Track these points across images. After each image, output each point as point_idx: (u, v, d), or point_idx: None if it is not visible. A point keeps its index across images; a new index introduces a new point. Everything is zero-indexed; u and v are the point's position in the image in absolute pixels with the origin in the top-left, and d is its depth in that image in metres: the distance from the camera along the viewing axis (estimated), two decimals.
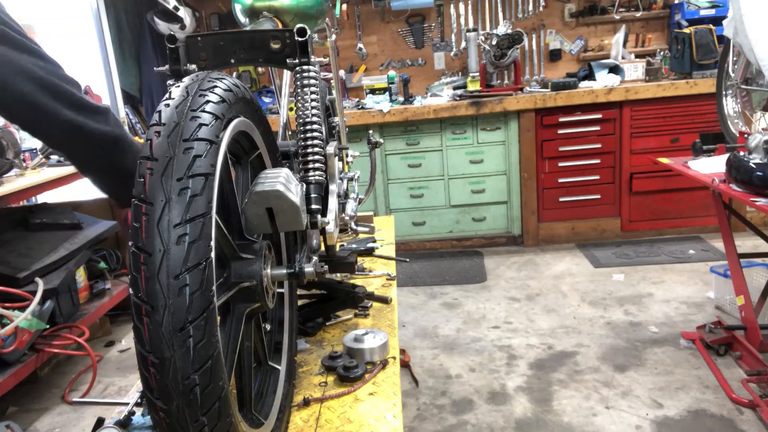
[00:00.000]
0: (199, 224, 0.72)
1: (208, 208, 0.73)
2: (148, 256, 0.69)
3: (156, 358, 0.69)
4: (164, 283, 0.69)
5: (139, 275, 0.70)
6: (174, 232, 0.70)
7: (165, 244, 0.69)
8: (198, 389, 0.70)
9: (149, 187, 0.72)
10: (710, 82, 3.76)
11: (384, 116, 4.02)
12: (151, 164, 0.73)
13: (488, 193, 4.20)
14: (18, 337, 2.28)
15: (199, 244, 0.71)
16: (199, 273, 0.70)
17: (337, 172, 1.46)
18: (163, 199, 0.71)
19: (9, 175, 2.80)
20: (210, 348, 0.71)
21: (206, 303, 0.71)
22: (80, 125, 1.21)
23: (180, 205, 0.71)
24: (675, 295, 3.25)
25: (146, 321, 0.69)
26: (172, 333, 0.69)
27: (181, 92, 0.81)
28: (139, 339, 0.70)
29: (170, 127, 0.76)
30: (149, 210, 0.71)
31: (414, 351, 2.88)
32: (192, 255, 0.70)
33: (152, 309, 0.69)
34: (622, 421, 2.20)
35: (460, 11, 4.58)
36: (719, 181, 2.20)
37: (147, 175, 0.72)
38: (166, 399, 0.70)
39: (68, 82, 1.25)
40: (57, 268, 2.68)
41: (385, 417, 1.07)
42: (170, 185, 0.71)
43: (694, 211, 4.06)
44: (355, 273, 1.75)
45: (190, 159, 0.74)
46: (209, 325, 0.71)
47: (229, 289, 0.88)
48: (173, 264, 0.69)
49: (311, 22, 1.57)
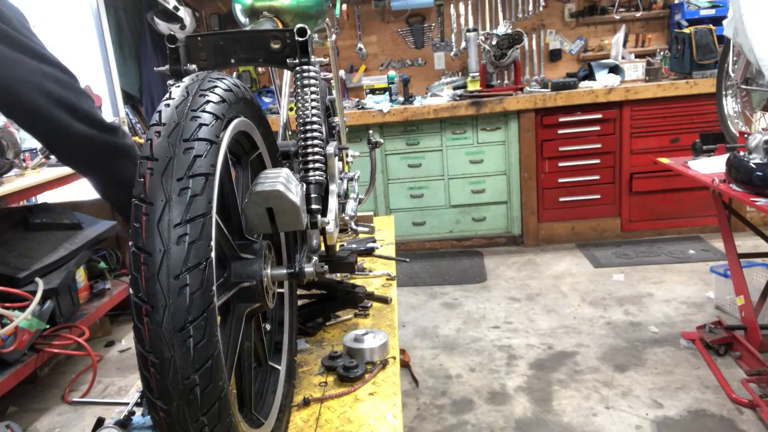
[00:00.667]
0: (200, 224, 0.72)
1: (208, 208, 0.73)
2: (149, 256, 0.69)
3: (156, 358, 0.69)
4: (164, 282, 0.69)
5: (140, 275, 0.70)
6: (174, 232, 0.70)
7: (165, 244, 0.69)
8: (198, 389, 0.70)
9: (149, 186, 0.72)
10: (710, 82, 3.76)
11: (384, 116, 4.02)
12: (151, 164, 0.73)
13: (488, 193, 4.20)
14: (18, 337, 2.28)
15: (200, 244, 0.71)
16: (199, 273, 0.70)
17: (337, 172, 1.47)
18: (164, 199, 0.71)
19: (9, 175, 2.80)
20: (210, 348, 0.71)
21: (206, 303, 0.71)
22: (91, 137, 1.24)
23: (180, 205, 0.71)
24: (675, 295, 3.25)
25: (146, 321, 0.69)
26: (172, 333, 0.69)
27: (181, 92, 0.81)
28: (139, 339, 0.70)
29: (170, 127, 0.76)
30: (149, 210, 0.71)
31: (414, 351, 2.88)
32: (192, 255, 0.70)
33: (152, 309, 0.69)
34: (622, 421, 2.20)
35: (460, 11, 4.58)
36: (719, 181, 2.20)
37: (147, 175, 0.72)
38: (166, 399, 0.70)
39: (83, 95, 1.29)
40: (57, 268, 2.68)
41: (385, 417, 1.07)
42: (170, 185, 0.71)
43: (694, 211, 4.06)
44: (355, 273, 1.75)
45: (190, 159, 0.74)
46: (209, 326, 0.71)
47: (229, 289, 0.88)
48: (173, 264, 0.69)
49: (311, 22, 1.57)
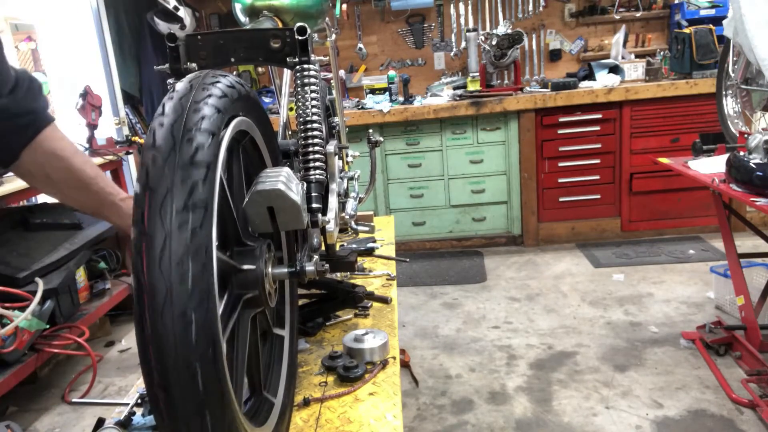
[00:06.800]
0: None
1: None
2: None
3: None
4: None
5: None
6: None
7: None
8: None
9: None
10: (710, 82, 3.76)
11: (384, 116, 4.02)
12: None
13: (488, 193, 4.20)
14: (18, 337, 2.28)
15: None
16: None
17: (338, 171, 1.46)
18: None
19: (9, 175, 2.80)
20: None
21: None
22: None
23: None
24: (675, 295, 3.25)
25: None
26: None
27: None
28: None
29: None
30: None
31: (414, 351, 2.88)
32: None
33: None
34: (622, 421, 2.20)
35: (460, 11, 4.58)
36: (719, 181, 2.20)
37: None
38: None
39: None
40: (57, 268, 2.68)
41: (385, 417, 1.07)
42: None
43: (694, 211, 4.06)
44: (355, 272, 1.75)
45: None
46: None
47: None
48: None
49: (311, 22, 1.56)
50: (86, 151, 3.27)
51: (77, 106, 3.30)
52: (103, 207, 1.18)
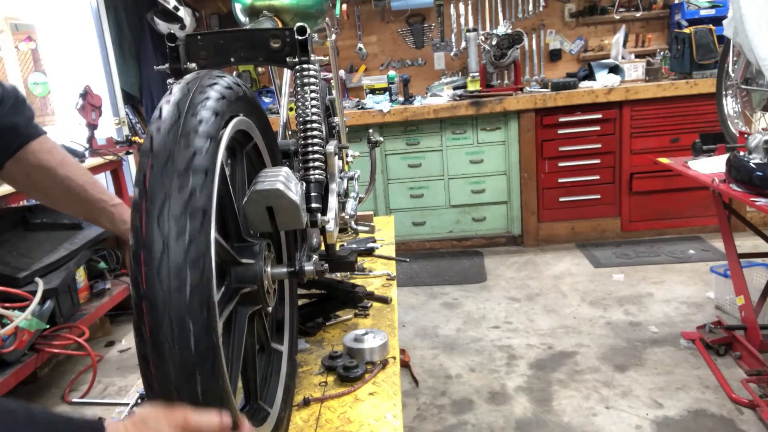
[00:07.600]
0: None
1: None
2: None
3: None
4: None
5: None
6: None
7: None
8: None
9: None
10: (710, 82, 3.76)
11: (384, 116, 4.02)
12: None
13: (488, 193, 4.20)
14: (18, 337, 2.28)
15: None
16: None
17: (337, 170, 1.46)
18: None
19: None
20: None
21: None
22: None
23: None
24: (675, 295, 3.25)
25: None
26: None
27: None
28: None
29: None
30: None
31: (414, 351, 2.88)
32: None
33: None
34: (622, 421, 2.20)
35: (460, 11, 4.58)
36: (719, 181, 2.20)
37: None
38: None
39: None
40: (57, 268, 2.68)
41: (385, 417, 1.07)
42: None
43: (694, 211, 4.06)
44: (355, 272, 1.75)
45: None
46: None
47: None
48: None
49: (311, 22, 1.56)
50: (86, 151, 3.27)
51: (77, 106, 3.29)
52: (93, 213, 1.19)
